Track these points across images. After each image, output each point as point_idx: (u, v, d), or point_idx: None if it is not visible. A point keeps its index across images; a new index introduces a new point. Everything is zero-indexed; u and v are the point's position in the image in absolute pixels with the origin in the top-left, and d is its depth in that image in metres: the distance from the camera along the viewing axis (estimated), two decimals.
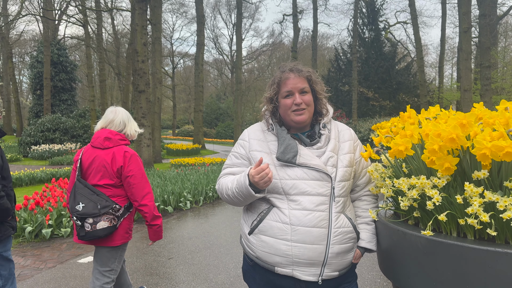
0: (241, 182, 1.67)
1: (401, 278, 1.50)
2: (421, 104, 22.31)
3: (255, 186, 1.64)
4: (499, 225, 1.27)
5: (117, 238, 2.81)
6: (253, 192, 1.64)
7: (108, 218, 2.70)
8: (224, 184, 1.82)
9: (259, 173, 1.58)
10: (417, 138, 1.53)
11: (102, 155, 2.83)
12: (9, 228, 2.64)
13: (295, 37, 30.64)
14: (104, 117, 3.02)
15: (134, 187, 2.79)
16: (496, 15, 18.92)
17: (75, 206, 2.70)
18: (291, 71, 1.78)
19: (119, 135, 2.93)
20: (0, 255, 2.60)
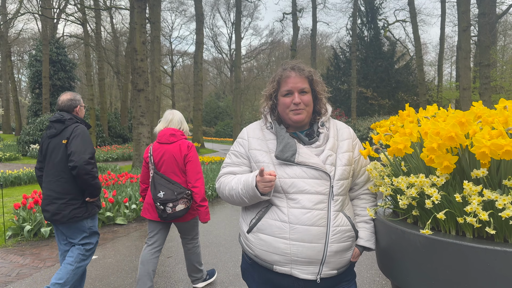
0: (248, 183, 1.67)
1: (400, 277, 1.50)
2: (420, 102, 22.31)
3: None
4: (498, 223, 1.27)
5: (189, 216, 3.56)
6: (259, 194, 1.65)
7: (183, 201, 3.39)
8: (227, 183, 1.81)
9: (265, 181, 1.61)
10: (416, 137, 1.52)
11: (170, 148, 3.48)
12: (95, 207, 3.39)
13: (295, 35, 30.62)
14: (164, 118, 3.71)
15: (190, 170, 3.45)
16: (496, 13, 18.92)
17: (157, 194, 3.37)
18: (293, 69, 1.78)
19: (180, 131, 3.63)
20: (90, 229, 3.36)
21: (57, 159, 3.20)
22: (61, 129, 3.25)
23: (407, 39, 38.12)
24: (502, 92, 24.63)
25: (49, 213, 3.22)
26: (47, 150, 3.30)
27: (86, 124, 3.42)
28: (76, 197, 3.22)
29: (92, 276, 4.35)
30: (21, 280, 4.32)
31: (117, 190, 8.32)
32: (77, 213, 3.20)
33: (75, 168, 3.05)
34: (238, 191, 1.72)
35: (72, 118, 3.34)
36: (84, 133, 3.23)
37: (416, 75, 27.53)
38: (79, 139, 3.15)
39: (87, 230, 3.31)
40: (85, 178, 3.09)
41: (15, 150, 23.74)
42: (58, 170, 3.20)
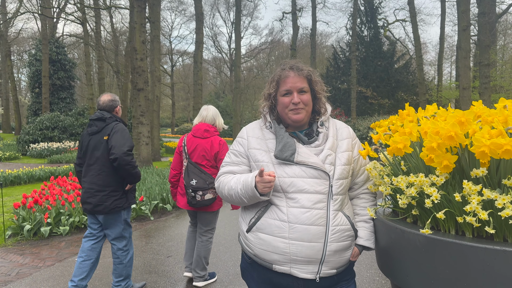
0: (248, 183, 1.68)
1: (399, 276, 1.50)
2: (420, 102, 22.30)
3: None
4: (498, 223, 1.27)
5: (215, 205, 3.86)
6: (258, 195, 1.65)
7: (212, 191, 3.67)
8: (226, 183, 1.81)
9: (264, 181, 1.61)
10: (416, 136, 1.52)
11: (203, 143, 3.79)
12: (133, 198, 3.71)
13: (294, 35, 30.59)
14: (199, 114, 4.02)
15: None
16: (495, 13, 18.92)
17: (189, 182, 3.66)
18: (291, 69, 1.78)
19: (214, 127, 3.91)
20: (125, 221, 3.65)
21: (98, 154, 3.51)
22: (102, 127, 3.57)
23: (407, 39, 38.13)
24: (502, 91, 24.64)
25: (91, 205, 3.49)
26: (88, 147, 3.59)
27: (124, 122, 3.75)
28: (116, 189, 3.53)
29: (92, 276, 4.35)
30: (21, 279, 4.32)
31: None
32: (117, 204, 3.52)
33: (116, 160, 3.34)
34: (237, 191, 1.72)
35: (111, 117, 3.66)
36: (123, 130, 3.54)
37: (416, 74, 27.53)
38: (119, 134, 3.47)
39: (122, 221, 3.62)
40: (126, 168, 3.39)
41: (14, 150, 23.73)
42: (100, 164, 3.50)
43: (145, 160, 14.77)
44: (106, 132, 3.53)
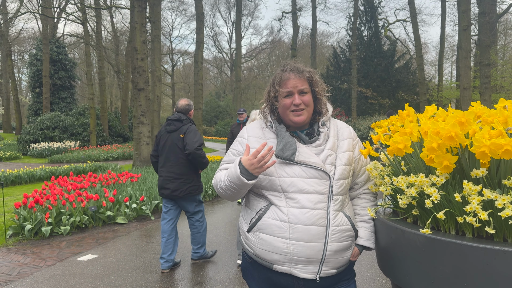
0: (232, 172, 1.68)
1: (399, 276, 1.50)
2: (420, 102, 22.28)
3: (247, 174, 1.64)
4: (498, 223, 1.27)
5: None
6: (246, 180, 1.64)
7: None
8: (218, 177, 1.83)
9: (255, 156, 1.59)
10: (416, 136, 1.53)
11: None
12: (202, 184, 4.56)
13: (295, 35, 30.60)
14: (250, 117, 4.84)
15: None
16: (496, 13, 18.90)
17: None
18: (292, 71, 1.78)
19: None
20: (199, 200, 4.58)
21: (176, 148, 4.35)
22: (179, 126, 4.41)
23: (407, 39, 38.12)
24: (502, 91, 24.63)
25: (169, 190, 4.34)
26: (166, 142, 4.42)
27: (194, 123, 4.57)
28: (190, 177, 4.37)
29: (92, 275, 4.36)
30: (22, 279, 4.33)
31: (118, 189, 8.33)
32: (191, 190, 4.36)
33: (190, 154, 4.20)
34: (225, 183, 1.73)
35: (187, 118, 4.49)
36: (195, 130, 4.40)
37: (416, 74, 27.51)
38: (192, 133, 4.32)
39: (197, 200, 4.53)
40: (198, 159, 4.26)
41: (15, 149, 23.75)
42: (177, 157, 4.34)
43: (145, 159, 14.77)
44: (182, 131, 4.37)
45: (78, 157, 19.17)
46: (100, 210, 6.70)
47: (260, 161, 1.59)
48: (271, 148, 1.60)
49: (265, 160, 1.59)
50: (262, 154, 1.59)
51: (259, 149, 1.59)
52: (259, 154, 1.59)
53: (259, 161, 1.59)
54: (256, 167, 1.61)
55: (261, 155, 1.58)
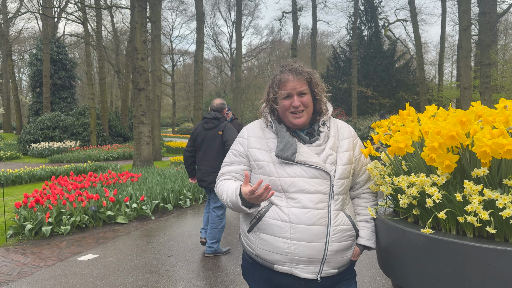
0: (233, 200, 1.69)
1: (400, 276, 1.50)
2: (420, 102, 22.26)
3: (248, 203, 1.65)
4: (499, 222, 1.27)
5: None
6: (248, 209, 1.67)
7: None
8: (220, 192, 1.83)
9: (252, 193, 1.57)
10: (417, 136, 1.52)
11: None
12: None
13: (295, 35, 30.58)
14: None
15: None
16: (496, 13, 18.89)
17: None
18: (291, 72, 1.77)
19: None
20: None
21: (215, 144, 4.72)
22: (217, 124, 4.78)
23: (407, 38, 38.11)
24: (503, 91, 24.63)
25: (206, 182, 4.73)
26: (204, 138, 4.80)
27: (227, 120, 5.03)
28: None
29: (93, 275, 4.36)
30: (22, 279, 4.33)
31: (118, 189, 8.33)
32: None
33: None
34: (228, 204, 1.75)
35: (222, 117, 4.88)
36: (232, 127, 4.78)
37: (416, 74, 27.49)
38: (231, 130, 4.71)
39: None
40: None
41: (16, 149, 23.76)
42: (215, 152, 4.71)
43: (146, 159, 14.78)
44: (220, 129, 4.73)
45: (79, 157, 19.18)
46: (101, 210, 6.70)
47: (258, 198, 1.58)
48: (268, 186, 1.56)
49: (262, 197, 1.57)
50: (258, 193, 1.56)
51: (255, 187, 1.56)
52: (256, 193, 1.56)
53: (257, 198, 1.58)
54: (254, 201, 1.61)
55: (257, 194, 1.56)
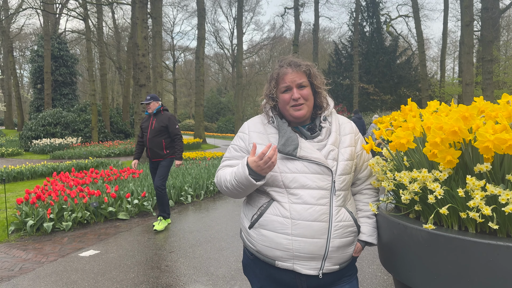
0: (240, 173, 1.65)
1: (402, 272, 1.50)
2: (422, 98, 22.22)
3: (256, 174, 1.62)
4: (501, 218, 1.27)
5: None
6: (254, 181, 1.62)
7: None
8: (222, 176, 1.80)
9: (261, 158, 1.56)
10: (419, 131, 1.52)
11: None
12: None
13: (296, 30, 30.51)
14: None
15: None
16: (499, 8, 18.79)
17: None
18: (289, 65, 1.76)
19: None
20: None
21: None
22: None
23: (409, 34, 37.97)
24: (505, 87, 24.55)
25: None
26: None
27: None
28: None
29: (94, 271, 4.37)
30: (24, 274, 4.34)
31: (119, 185, 8.34)
32: None
33: None
34: (232, 183, 1.71)
35: None
36: None
37: (418, 70, 27.43)
38: None
39: None
40: None
41: (17, 146, 23.79)
42: None
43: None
44: None
45: (80, 153, 19.21)
46: (102, 206, 6.70)
47: (267, 162, 1.57)
48: (276, 148, 1.57)
49: (272, 160, 1.56)
50: (269, 155, 1.55)
51: (264, 150, 1.56)
52: (265, 155, 1.56)
53: (266, 162, 1.57)
54: (263, 168, 1.58)
55: (267, 157, 1.56)
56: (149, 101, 6.10)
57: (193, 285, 3.94)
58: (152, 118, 6.10)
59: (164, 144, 5.98)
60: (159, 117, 6.05)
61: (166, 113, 6.13)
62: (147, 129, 6.06)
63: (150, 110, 6.11)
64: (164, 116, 6.05)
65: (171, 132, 6.00)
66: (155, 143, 5.96)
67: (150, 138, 5.98)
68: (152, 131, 5.98)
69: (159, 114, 6.10)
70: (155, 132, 5.96)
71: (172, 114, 6.21)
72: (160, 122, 5.99)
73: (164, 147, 5.98)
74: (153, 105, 6.11)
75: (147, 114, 6.21)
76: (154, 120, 6.03)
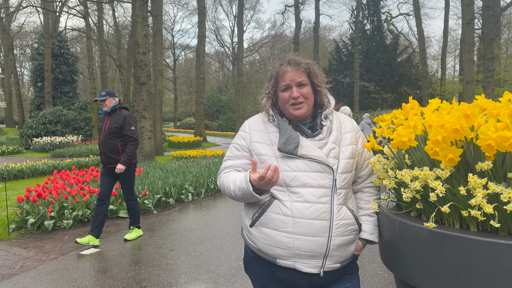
0: (244, 188, 1.65)
1: (403, 270, 1.49)
2: (423, 96, 22.20)
3: (259, 189, 1.63)
4: (503, 216, 1.26)
5: None
6: (259, 196, 1.64)
7: None
8: (226, 184, 1.79)
9: (262, 179, 1.56)
10: (420, 129, 1.51)
11: None
12: None
13: (297, 28, 30.48)
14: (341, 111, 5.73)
15: None
16: (500, 6, 18.76)
17: None
18: (289, 64, 1.75)
19: None
20: None
21: None
22: None
23: (410, 32, 37.89)
24: (506, 85, 24.53)
25: None
26: None
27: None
28: None
29: (95, 269, 4.37)
30: (25, 272, 4.35)
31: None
32: None
33: None
34: (236, 194, 1.71)
35: None
36: None
37: (419, 68, 27.39)
38: None
39: None
40: None
41: (18, 144, 23.80)
42: None
43: (147, 154, 14.79)
44: None
45: (81, 151, 19.21)
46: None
47: (268, 183, 1.57)
48: (276, 168, 1.56)
49: (273, 180, 1.56)
50: (268, 177, 1.55)
51: (264, 173, 1.55)
52: (266, 177, 1.55)
53: (267, 183, 1.57)
54: (265, 187, 1.59)
55: (267, 178, 1.55)
56: (104, 97, 5.29)
57: (193, 283, 3.94)
58: (107, 117, 5.36)
59: (120, 148, 5.24)
60: (114, 117, 5.28)
61: (123, 111, 5.34)
62: (101, 130, 5.31)
63: (105, 107, 5.31)
64: (120, 115, 5.28)
65: (124, 134, 5.23)
66: (110, 146, 5.19)
67: (104, 141, 5.22)
68: (105, 132, 5.23)
69: (115, 113, 5.33)
70: (109, 134, 5.20)
71: (130, 113, 5.43)
72: (114, 122, 5.22)
73: (120, 152, 5.24)
74: (109, 102, 5.31)
75: (102, 112, 5.42)
76: (109, 120, 5.28)
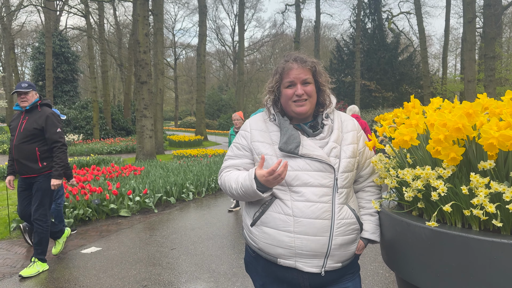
0: (247, 185, 1.63)
1: (404, 269, 1.49)
2: (424, 95, 22.17)
3: (263, 187, 1.61)
4: (505, 216, 1.26)
5: None
6: (262, 194, 1.62)
7: None
8: (227, 182, 1.78)
9: (271, 174, 1.54)
10: (422, 128, 1.51)
11: None
12: None
13: (298, 27, 30.45)
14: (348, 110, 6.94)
15: None
16: (501, 5, 18.70)
17: None
18: (295, 61, 1.74)
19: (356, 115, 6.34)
20: None
21: None
22: None
23: (411, 31, 37.86)
24: (507, 84, 24.50)
25: None
26: None
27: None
28: None
29: (96, 268, 4.38)
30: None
31: (121, 182, 8.34)
32: None
33: None
34: (238, 192, 1.69)
35: None
36: None
37: (420, 67, 27.36)
38: None
39: None
40: None
41: None
42: None
43: (148, 153, 14.79)
44: None
45: (81, 150, 19.22)
46: (104, 203, 6.71)
47: (277, 178, 1.55)
48: (286, 164, 1.55)
49: (282, 176, 1.55)
50: (279, 172, 1.53)
51: (275, 167, 1.54)
52: (276, 172, 1.54)
53: (275, 178, 1.55)
54: (272, 182, 1.57)
55: (277, 173, 1.54)
56: (27, 90, 4.26)
57: (194, 282, 3.94)
58: (23, 116, 4.32)
59: (38, 154, 4.22)
60: (33, 115, 4.27)
61: (45, 109, 4.36)
62: (15, 131, 4.28)
63: (25, 103, 4.27)
64: (41, 114, 4.28)
65: (48, 138, 4.23)
66: (25, 152, 4.19)
67: (17, 144, 4.21)
68: (20, 134, 4.21)
69: (35, 110, 4.32)
70: (25, 137, 4.19)
71: (54, 112, 4.43)
72: (33, 122, 4.22)
73: (38, 158, 4.23)
74: (31, 96, 4.30)
75: (18, 109, 4.40)
76: (26, 120, 4.26)
